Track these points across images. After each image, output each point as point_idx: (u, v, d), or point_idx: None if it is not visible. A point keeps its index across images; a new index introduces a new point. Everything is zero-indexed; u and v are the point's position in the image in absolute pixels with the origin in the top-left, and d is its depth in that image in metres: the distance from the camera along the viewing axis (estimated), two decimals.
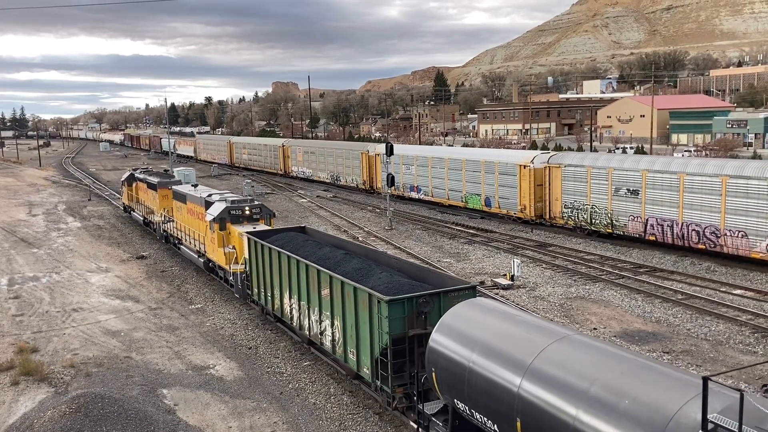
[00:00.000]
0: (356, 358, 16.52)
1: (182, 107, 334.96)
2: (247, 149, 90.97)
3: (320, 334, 18.57)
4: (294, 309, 20.35)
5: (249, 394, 18.37)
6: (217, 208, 27.52)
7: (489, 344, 11.99)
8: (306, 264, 18.97)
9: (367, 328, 15.71)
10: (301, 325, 20.05)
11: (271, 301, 22.39)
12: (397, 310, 14.75)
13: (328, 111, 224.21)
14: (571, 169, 37.86)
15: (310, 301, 19.05)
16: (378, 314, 15.01)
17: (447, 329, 13.07)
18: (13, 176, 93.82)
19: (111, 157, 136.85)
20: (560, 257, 32.74)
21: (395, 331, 14.78)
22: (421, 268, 18.83)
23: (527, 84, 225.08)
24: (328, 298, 17.62)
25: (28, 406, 17.66)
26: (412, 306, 14.89)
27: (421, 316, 14.87)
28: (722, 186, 29.65)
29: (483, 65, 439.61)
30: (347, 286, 16.55)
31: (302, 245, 21.82)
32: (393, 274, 17.49)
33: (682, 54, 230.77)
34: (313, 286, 18.63)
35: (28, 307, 27.44)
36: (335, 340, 17.64)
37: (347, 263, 18.97)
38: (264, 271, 22.49)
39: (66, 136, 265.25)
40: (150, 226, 42.89)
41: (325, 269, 18.03)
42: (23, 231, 46.64)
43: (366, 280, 17.11)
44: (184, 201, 33.22)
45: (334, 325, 17.60)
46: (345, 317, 16.83)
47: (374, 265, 18.43)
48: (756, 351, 20.14)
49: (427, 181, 50.71)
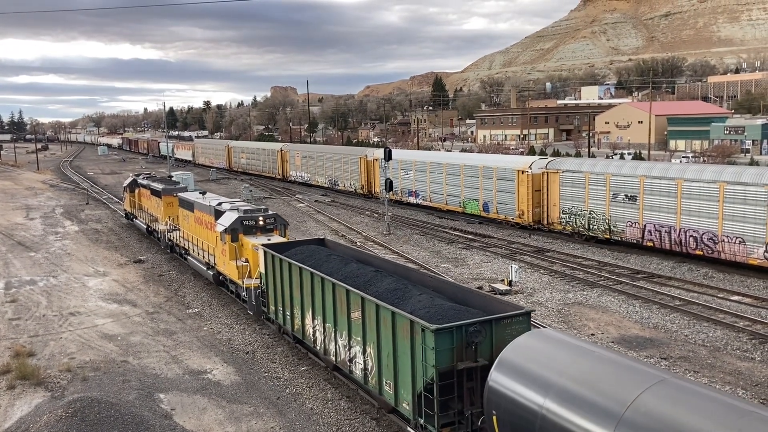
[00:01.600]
0: (393, 392, 14.83)
1: (181, 111, 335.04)
2: (245, 153, 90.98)
3: (349, 361, 16.84)
4: (317, 331, 18.65)
5: (246, 399, 18.33)
6: (228, 218, 25.82)
7: (566, 388, 10.30)
8: (333, 283, 17.24)
9: (407, 359, 14.08)
10: (326, 350, 18.25)
11: (290, 321, 20.62)
12: (444, 341, 13.15)
13: (326, 116, 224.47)
14: (569, 174, 37.91)
15: (337, 323, 17.33)
16: (422, 344, 13.36)
17: (510, 367, 11.49)
18: (11, 179, 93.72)
19: (109, 160, 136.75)
20: (558, 263, 32.74)
21: (442, 363, 13.16)
22: (461, 289, 17.06)
23: (525, 90, 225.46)
24: (360, 321, 15.97)
25: (24, 411, 17.60)
26: (461, 336, 13.26)
27: (470, 347, 13.29)
28: (720, 192, 29.69)
29: (481, 71, 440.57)
30: (383, 310, 14.93)
31: (325, 260, 20.00)
32: (433, 297, 15.72)
33: (680, 60, 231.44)
34: (341, 308, 16.95)
35: (25, 311, 27.38)
36: (368, 369, 15.94)
37: (379, 282, 17.26)
38: (283, 288, 20.72)
39: (64, 140, 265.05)
40: (154, 235, 40.97)
41: (355, 289, 16.38)
42: (20, 234, 46.56)
43: (403, 302, 15.54)
44: (191, 209, 31.41)
45: (366, 353, 15.90)
46: (380, 344, 15.18)
47: (410, 286, 16.70)
48: (753, 357, 20.14)
49: (425, 186, 50.74)
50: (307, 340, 19.65)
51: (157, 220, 39.09)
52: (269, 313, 22.46)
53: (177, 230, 34.59)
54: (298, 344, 21.29)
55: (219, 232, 26.11)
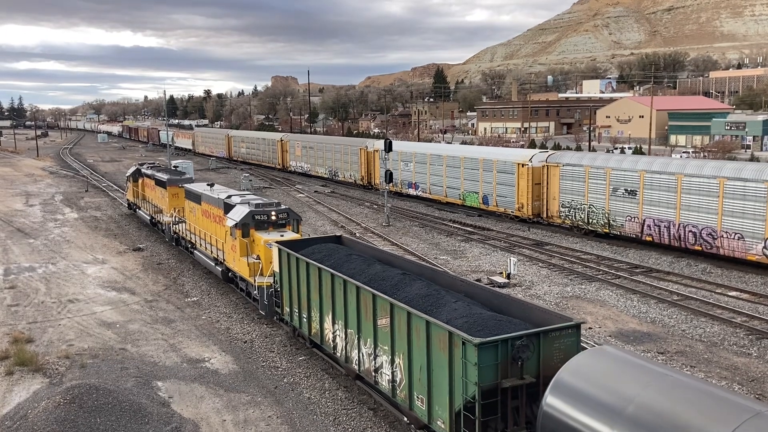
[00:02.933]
0: (426, 408, 13.63)
1: (181, 100, 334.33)
2: (245, 143, 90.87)
3: (375, 371, 15.63)
4: (338, 336, 17.41)
5: (244, 388, 18.38)
6: (239, 213, 24.69)
7: (638, 418, 8.94)
8: (356, 286, 15.97)
9: (444, 374, 12.90)
10: (347, 357, 16.99)
11: (306, 324, 19.35)
12: (488, 356, 11.98)
13: (327, 106, 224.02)
14: (569, 168, 37.89)
15: (361, 330, 16.10)
16: (463, 359, 12.19)
17: (569, 391, 10.17)
18: (11, 166, 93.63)
19: (109, 148, 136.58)
20: (557, 256, 32.78)
21: (486, 381, 11.97)
22: (496, 295, 15.59)
23: (527, 82, 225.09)
24: (388, 329, 14.74)
25: (22, 396, 17.65)
26: (507, 350, 12.11)
27: (516, 363, 12.16)
28: (720, 188, 29.70)
29: (483, 63, 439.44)
30: (416, 318, 13.70)
31: (346, 260, 18.83)
32: (470, 305, 14.56)
33: (682, 55, 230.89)
34: (366, 313, 15.72)
35: (24, 298, 27.41)
36: (396, 381, 14.73)
37: (408, 287, 16.07)
38: (299, 289, 19.45)
39: (64, 127, 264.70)
40: (158, 227, 39.97)
41: (382, 294, 15.16)
42: (20, 221, 46.56)
43: (437, 310, 14.37)
44: (198, 201, 30.28)
45: (394, 363, 14.69)
46: (411, 356, 14.01)
47: (443, 291, 15.49)
48: (750, 353, 20.20)
49: (425, 178, 50.71)
50: (326, 346, 18.39)
51: (162, 212, 38.19)
52: (283, 315, 21.24)
53: (183, 222, 33.60)
54: (315, 349, 19.92)
55: (229, 227, 25.01)
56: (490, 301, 15.25)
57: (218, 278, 28.76)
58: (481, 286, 16.36)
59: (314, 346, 19.83)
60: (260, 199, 26.35)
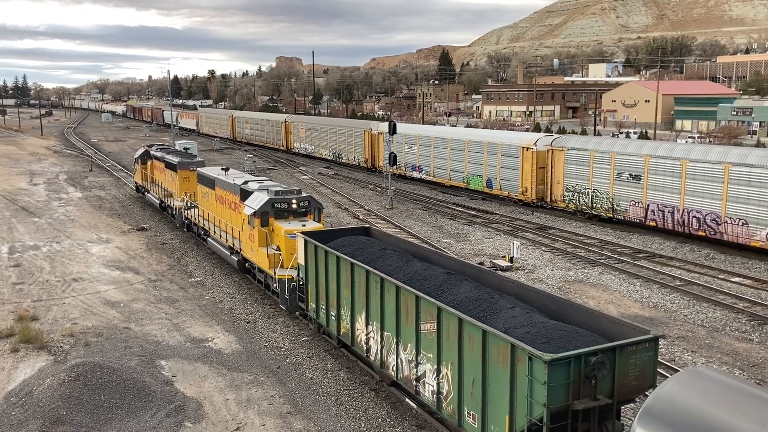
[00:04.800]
0: (480, 427, 12.25)
1: (185, 80, 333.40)
2: (249, 124, 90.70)
3: (416, 380, 14.23)
4: (372, 339, 16.08)
5: (246, 368, 18.51)
6: (257, 200, 23.27)
7: None
8: (396, 285, 14.57)
9: (502, 391, 11.56)
10: (382, 362, 15.61)
11: (335, 323, 17.97)
12: (559, 374, 10.62)
13: (331, 87, 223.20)
14: (574, 152, 37.77)
15: (400, 333, 14.71)
16: (529, 376, 10.84)
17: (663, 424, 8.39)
18: (15, 145, 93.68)
19: (113, 128, 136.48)
20: (560, 240, 32.78)
21: (555, 402, 10.63)
22: (554, 299, 14.11)
23: (533, 66, 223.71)
24: (434, 336, 13.40)
25: (27, 373, 17.81)
26: (579, 367, 10.77)
27: (590, 382, 10.87)
28: (725, 173, 29.59)
29: (489, 45, 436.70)
30: (470, 326, 12.30)
31: (380, 255, 17.42)
32: (530, 312, 13.13)
33: (690, 39, 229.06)
34: (406, 316, 14.37)
35: (29, 276, 27.56)
36: (442, 393, 13.40)
37: (454, 288, 14.64)
38: (327, 285, 18.07)
39: (68, 106, 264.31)
40: (168, 211, 38.55)
41: (426, 295, 13.81)
42: (24, 200, 46.68)
43: (491, 317, 13.02)
44: (212, 186, 28.94)
45: (440, 374, 13.33)
46: (462, 367, 12.64)
47: (495, 295, 13.99)
48: (752, 339, 20.25)
49: (429, 161, 50.61)
50: (357, 348, 17.00)
51: (172, 196, 36.89)
52: (307, 310, 19.92)
53: (195, 208, 32.41)
54: (344, 349, 18.63)
55: (247, 215, 23.58)
56: (547, 306, 13.82)
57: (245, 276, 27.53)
58: (535, 289, 14.74)
59: (342, 346, 18.52)
60: (279, 186, 24.89)
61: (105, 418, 15.28)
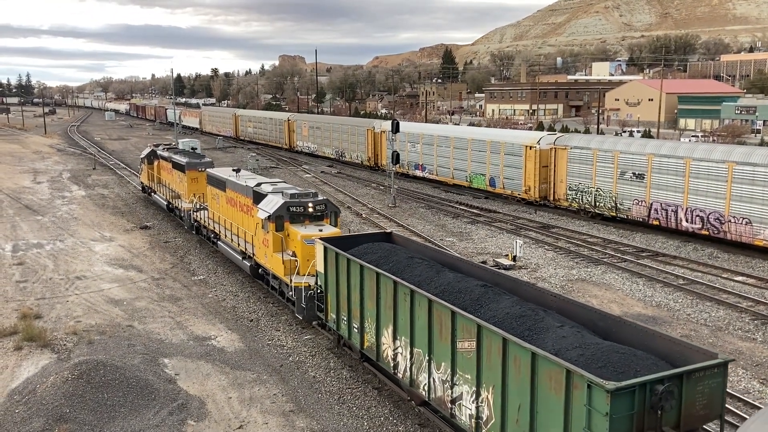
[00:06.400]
0: None
1: (188, 78, 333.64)
2: (252, 122, 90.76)
3: (451, 402, 13.17)
4: (400, 355, 14.97)
5: (249, 366, 18.54)
6: (272, 203, 22.37)
7: None
8: (428, 299, 13.56)
9: (555, 420, 10.55)
10: (412, 380, 14.53)
11: (358, 336, 16.86)
12: (623, 404, 9.67)
13: (334, 86, 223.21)
14: (577, 151, 37.73)
15: (432, 351, 13.68)
16: (587, 406, 9.85)
17: None
18: (19, 143, 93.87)
19: (116, 126, 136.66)
20: (563, 239, 32.75)
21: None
22: (602, 315, 12.93)
23: (536, 64, 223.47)
24: (472, 355, 12.39)
25: (30, 371, 17.85)
26: (645, 396, 9.81)
27: (655, 413, 9.96)
28: (728, 172, 29.53)
29: (492, 44, 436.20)
30: (516, 347, 11.27)
31: (407, 264, 16.43)
32: (581, 331, 12.05)
33: (693, 38, 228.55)
34: (440, 332, 13.35)
35: (32, 274, 27.62)
36: (481, 417, 12.34)
37: (494, 303, 13.61)
38: (349, 295, 17.01)
39: (71, 104, 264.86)
40: (175, 213, 37.65)
41: (463, 311, 12.83)
42: (28, 198, 46.78)
43: (538, 336, 12.02)
44: (222, 188, 28.06)
45: (480, 397, 12.27)
46: (506, 391, 11.60)
47: (541, 311, 12.93)
48: (755, 338, 20.22)
49: (432, 160, 50.59)
50: (383, 364, 15.87)
51: (180, 197, 35.89)
52: (326, 321, 18.79)
53: (204, 210, 31.47)
54: (367, 363, 17.64)
55: (261, 219, 22.70)
56: (593, 322, 12.73)
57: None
58: (580, 304, 13.61)
59: (366, 360, 17.58)
60: (295, 189, 23.87)
61: (108, 416, 15.32)
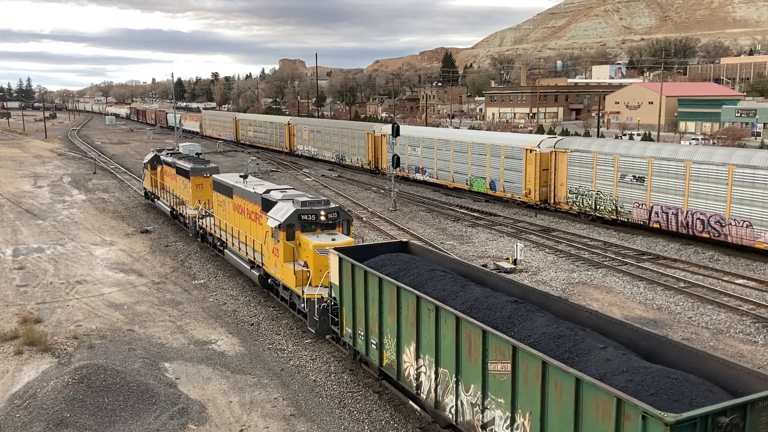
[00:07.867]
0: None
1: (189, 82, 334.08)
2: (252, 126, 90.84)
3: (482, 427, 12.27)
4: (423, 374, 14.09)
5: (250, 370, 18.52)
6: (282, 211, 21.61)
7: None
8: (456, 316, 12.69)
9: None
10: (437, 402, 13.65)
11: (376, 352, 15.99)
12: None
13: (335, 90, 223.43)
14: (578, 154, 37.73)
15: (460, 372, 12.79)
16: None
17: None
18: (19, 147, 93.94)
19: (117, 130, 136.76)
20: (563, 242, 32.74)
21: None
22: (644, 335, 11.93)
23: (536, 67, 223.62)
24: (507, 378, 11.50)
25: (31, 376, 17.83)
26: (706, 429, 8.92)
27: None
28: (729, 175, 29.53)
29: (492, 47, 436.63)
30: (557, 372, 10.38)
31: (429, 278, 15.56)
32: (626, 353, 11.21)
33: (693, 41, 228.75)
34: (468, 352, 12.50)
35: (33, 278, 27.61)
36: None
37: (528, 321, 12.72)
38: (367, 309, 16.15)
39: (72, 109, 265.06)
40: (179, 219, 36.88)
41: (495, 330, 11.95)
42: (28, 202, 46.79)
43: (580, 359, 11.15)
44: (229, 195, 27.34)
45: (515, 424, 11.39)
46: (546, 419, 10.71)
47: (581, 332, 12.01)
48: (756, 341, 20.19)
49: (432, 163, 50.61)
50: (405, 383, 14.93)
51: (184, 204, 35.18)
52: (342, 335, 17.94)
53: (210, 217, 30.79)
54: (386, 381, 16.50)
55: (271, 227, 21.92)
56: (635, 342, 11.80)
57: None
58: (620, 322, 12.70)
59: (385, 378, 16.47)
60: (305, 196, 23.09)
61: (109, 421, 15.30)
